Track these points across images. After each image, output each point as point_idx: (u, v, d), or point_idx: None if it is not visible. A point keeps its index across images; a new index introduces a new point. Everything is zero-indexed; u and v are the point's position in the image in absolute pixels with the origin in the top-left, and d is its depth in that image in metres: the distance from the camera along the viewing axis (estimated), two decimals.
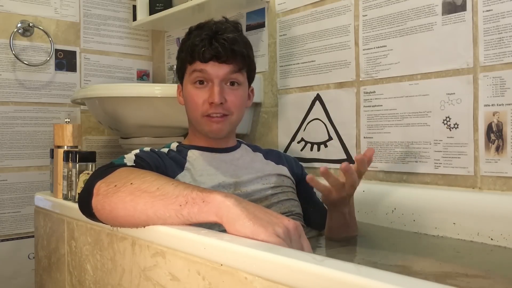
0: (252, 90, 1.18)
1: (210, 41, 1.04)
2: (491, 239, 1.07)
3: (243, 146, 1.20)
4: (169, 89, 1.52)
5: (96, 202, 0.82)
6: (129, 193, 0.78)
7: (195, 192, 0.73)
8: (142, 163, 0.95)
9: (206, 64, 1.05)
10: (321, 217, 1.14)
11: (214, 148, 1.12)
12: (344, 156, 1.46)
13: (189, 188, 0.74)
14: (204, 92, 1.06)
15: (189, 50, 1.07)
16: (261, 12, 1.73)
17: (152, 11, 2.05)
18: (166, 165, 1.03)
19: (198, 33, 1.07)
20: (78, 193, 1.08)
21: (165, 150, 1.09)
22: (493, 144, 1.15)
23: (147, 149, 1.05)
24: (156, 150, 1.07)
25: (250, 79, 1.15)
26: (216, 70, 1.05)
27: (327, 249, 1.07)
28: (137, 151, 1.02)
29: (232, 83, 1.08)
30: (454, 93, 1.22)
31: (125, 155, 0.98)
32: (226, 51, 1.04)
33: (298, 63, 1.60)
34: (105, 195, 0.81)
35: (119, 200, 0.78)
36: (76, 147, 1.32)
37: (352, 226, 1.09)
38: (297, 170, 1.23)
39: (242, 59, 1.08)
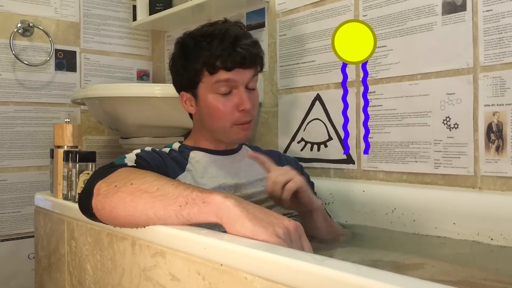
0: None
1: (234, 49, 1.02)
2: (491, 239, 1.07)
3: (244, 147, 1.20)
4: (169, 89, 1.51)
5: (97, 202, 0.82)
6: (129, 194, 0.78)
7: (195, 192, 0.73)
8: (143, 163, 0.95)
9: (231, 72, 1.03)
10: None
11: (216, 150, 1.12)
12: (344, 156, 1.46)
13: (189, 188, 0.74)
14: (230, 100, 1.05)
15: (210, 61, 1.02)
16: (261, 12, 1.73)
17: (152, 11, 2.05)
18: (167, 165, 1.03)
19: (218, 42, 1.02)
20: (79, 193, 1.08)
21: (167, 150, 1.09)
22: (493, 144, 1.15)
23: (148, 149, 1.05)
24: (158, 150, 1.07)
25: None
26: (241, 76, 1.04)
27: (327, 249, 1.07)
28: (138, 151, 1.02)
29: (251, 87, 1.08)
30: (454, 93, 1.22)
31: (126, 155, 0.98)
32: (252, 56, 1.04)
33: (298, 63, 1.60)
34: (106, 195, 0.81)
35: (119, 200, 0.78)
36: (76, 147, 1.32)
37: (326, 232, 1.07)
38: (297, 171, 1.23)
39: (260, 61, 1.09)
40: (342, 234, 1.14)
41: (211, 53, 1.02)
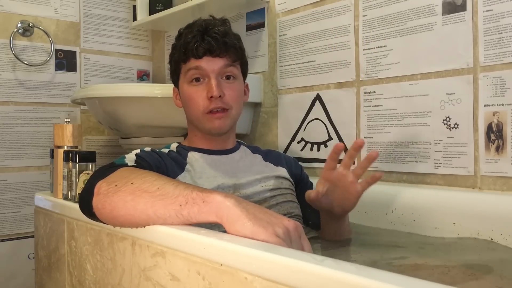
0: (247, 85, 1.18)
1: (202, 37, 1.05)
2: (491, 239, 1.07)
3: (242, 147, 1.19)
4: (169, 89, 1.50)
5: (97, 201, 0.82)
6: (129, 193, 0.78)
7: (195, 192, 0.73)
8: (142, 163, 0.95)
9: (200, 60, 1.06)
10: (319, 218, 1.14)
11: (214, 150, 1.12)
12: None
13: (189, 188, 0.74)
14: (202, 89, 1.06)
15: (182, 49, 1.07)
16: (261, 12, 1.73)
17: (152, 11, 2.05)
18: (167, 165, 1.03)
19: (189, 31, 1.08)
20: (79, 193, 1.08)
21: (166, 150, 1.09)
22: (493, 144, 1.15)
23: (147, 149, 1.05)
24: (157, 150, 1.07)
25: (244, 74, 1.15)
26: (211, 64, 1.06)
27: (327, 249, 1.07)
28: (138, 151, 1.02)
29: (228, 77, 1.09)
30: (454, 93, 1.22)
31: (126, 155, 0.98)
32: (219, 44, 1.05)
33: (298, 63, 1.60)
34: (106, 194, 0.81)
35: (119, 199, 0.78)
36: (76, 147, 1.32)
37: (345, 232, 1.09)
38: (296, 171, 1.23)
39: (235, 52, 1.09)
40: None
41: (183, 42, 1.07)
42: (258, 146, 1.26)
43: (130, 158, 0.96)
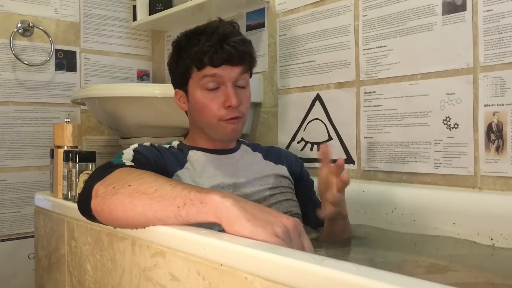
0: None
1: (221, 45, 1.03)
2: (491, 239, 1.07)
3: (243, 146, 1.19)
4: (169, 89, 1.50)
5: (95, 204, 0.82)
6: (127, 195, 0.77)
7: (193, 193, 0.72)
8: (141, 158, 0.95)
9: (218, 68, 1.04)
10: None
11: (215, 150, 1.12)
12: (344, 156, 1.46)
13: (187, 188, 0.74)
14: (218, 97, 1.05)
15: (197, 56, 1.04)
16: (261, 12, 1.73)
17: (152, 11, 2.05)
18: (166, 160, 1.02)
19: (206, 38, 1.05)
20: (78, 193, 1.08)
21: (166, 146, 1.10)
22: (493, 144, 1.15)
23: (146, 144, 1.05)
24: (156, 145, 1.07)
25: (251, 76, 1.16)
26: (228, 73, 1.04)
27: (327, 249, 1.07)
28: (136, 145, 1.02)
29: (241, 84, 1.08)
30: (454, 93, 1.22)
31: (124, 151, 0.98)
32: (238, 53, 1.04)
33: (298, 63, 1.60)
34: (104, 197, 0.80)
35: (118, 202, 0.78)
36: (76, 147, 1.32)
37: (348, 230, 1.09)
38: (296, 168, 1.23)
39: (250, 60, 1.09)
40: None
41: (199, 49, 1.04)
42: (259, 144, 1.26)
43: (128, 155, 0.96)
